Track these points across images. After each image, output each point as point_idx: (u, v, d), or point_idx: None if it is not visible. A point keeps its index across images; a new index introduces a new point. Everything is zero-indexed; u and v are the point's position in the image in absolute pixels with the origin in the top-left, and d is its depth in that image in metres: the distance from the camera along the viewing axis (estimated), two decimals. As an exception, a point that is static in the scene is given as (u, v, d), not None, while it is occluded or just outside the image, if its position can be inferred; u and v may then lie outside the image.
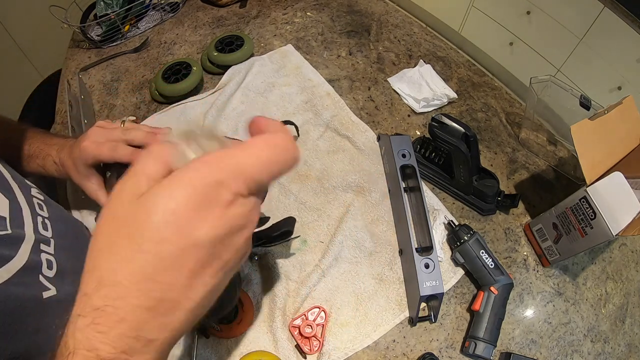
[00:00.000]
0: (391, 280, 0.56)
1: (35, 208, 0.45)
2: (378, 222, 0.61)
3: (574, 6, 1.50)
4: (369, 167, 0.66)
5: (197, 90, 0.75)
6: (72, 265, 0.47)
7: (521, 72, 1.81)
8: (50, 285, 0.41)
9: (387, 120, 0.72)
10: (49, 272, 0.42)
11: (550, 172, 0.68)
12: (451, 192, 0.64)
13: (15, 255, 0.38)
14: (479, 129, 0.72)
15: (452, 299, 0.56)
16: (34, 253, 0.40)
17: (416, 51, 0.83)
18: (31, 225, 0.42)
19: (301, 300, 0.54)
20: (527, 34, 1.72)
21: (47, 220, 0.45)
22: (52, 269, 0.42)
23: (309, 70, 0.77)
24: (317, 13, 0.90)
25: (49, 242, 0.44)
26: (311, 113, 0.72)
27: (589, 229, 0.50)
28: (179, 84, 0.71)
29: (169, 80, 0.72)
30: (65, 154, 0.51)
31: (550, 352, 0.54)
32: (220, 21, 0.89)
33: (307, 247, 0.58)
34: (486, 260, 0.53)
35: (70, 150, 0.50)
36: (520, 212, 0.64)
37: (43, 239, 0.43)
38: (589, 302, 0.57)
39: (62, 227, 0.48)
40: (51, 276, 0.42)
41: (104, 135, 0.49)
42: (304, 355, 0.51)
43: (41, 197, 0.47)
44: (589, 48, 1.52)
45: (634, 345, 0.56)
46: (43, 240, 0.43)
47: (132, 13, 0.86)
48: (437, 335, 0.53)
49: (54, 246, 0.44)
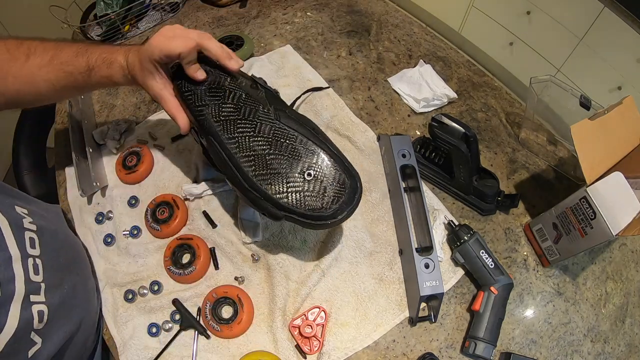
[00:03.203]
0: (391, 280, 0.56)
1: (27, 247, 0.42)
2: (378, 222, 0.61)
3: (574, 6, 1.49)
4: (369, 167, 0.66)
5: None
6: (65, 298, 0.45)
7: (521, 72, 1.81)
8: (38, 338, 0.40)
9: (387, 120, 0.72)
10: (40, 325, 0.40)
11: (550, 172, 0.68)
12: (451, 192, 0.64)
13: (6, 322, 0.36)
14: (479, 129, 0.72)
15: (452, 299, 0.56)
16: (25, 310, 0.38)
17: (416, 51, 0.83)
18: (22, 275, 0.39)
19: (301, 300, 0.54)
20: (527, 34, 1.72)
21: (37, 260, 0.42)
22: (42, 320, 0.41)
23: (308, 71, 0.77)
24: (317, 13, 0.90)
25: (39, 290, 0.41)
26: (311, 113, 0.72)
27: (589, 229, 0.50)
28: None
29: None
30: (133, 55, 0.48)
31: (550, 352, 0.54)
32: (220, 21, 0.89)
33: (307, 247, 0.59)
34: (486, 260, 0.53)
35: (138, 50, 0.47)
36: (520, 212, 0.64)
37: (33, 289, 0.40)
38: (589, 302, 0.57)
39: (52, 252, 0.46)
40: (41, 328, 0.40)
41: (176, 31, 0.46)
42: (304, 355, 0.51)
43: (34, 228, 0.45)
44: (589, 48, 1.52)
45: (634, 345, 0.56)
46: (33, 290, 0.40)
47: (132, 13, 0.86)
48: (437, 335, 0.53)
49: (44, 291, 0.42)
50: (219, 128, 0.47)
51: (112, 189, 0.64)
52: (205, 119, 0.47)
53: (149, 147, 0.68)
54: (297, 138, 0.46)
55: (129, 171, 0.64)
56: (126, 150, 0.66)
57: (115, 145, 0.68)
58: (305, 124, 0.48)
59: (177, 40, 0.45)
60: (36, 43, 0.49)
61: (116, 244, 0.60)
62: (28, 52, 0.48)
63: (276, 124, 0.47)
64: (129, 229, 0.60)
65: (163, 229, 0.59)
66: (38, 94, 0.50)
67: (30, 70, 0.48)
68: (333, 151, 0.47)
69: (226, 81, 0.49)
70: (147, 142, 0.69)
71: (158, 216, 0.59)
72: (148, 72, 0.47)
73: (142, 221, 0.61)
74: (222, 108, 0.48)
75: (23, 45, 0.48)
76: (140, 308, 0.55)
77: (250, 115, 0.47)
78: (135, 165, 0.64)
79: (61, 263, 0.48)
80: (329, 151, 0.46)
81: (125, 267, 0.58)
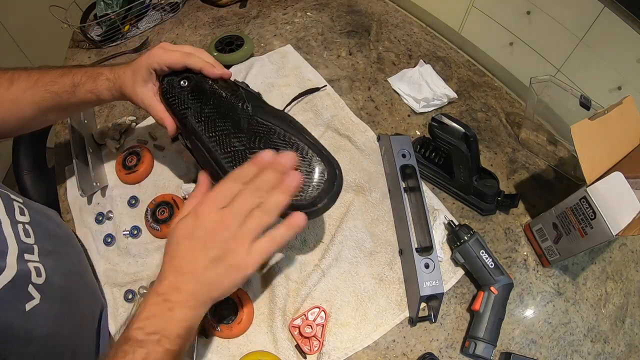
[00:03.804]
0: (391, 280, 0.56)
1: (15, 214, 0.44)
2: (378, 222, 0.61)
3: (574, 6, 1.50)
4: (369, 167, 0.66)
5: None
6: (60, 266, 0.46)
7: (521, 72, 1.81)
8: (36, 294, 0.40)
9: (387, 120, 0.72)
10: (39, 280, 0.41)
11: (550, 172, 0.68)
12: (451, 192, 0.64)
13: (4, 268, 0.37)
14: (479, 129, 0.72)
15: (452, 299, 0.56)
16: (20, 263, 0.40)
17: (416, 51, 0.83)
18: (12, 235, 0.41)
19: (301, 300, 0.54)
20: (527, 34, 1.72)
21: (27, 226, 0.44)
22: (41, 275, 0.42)
23: (308, 71, 0.77)
24: (317, 13, 0.90)
25: (32, 249, 0.43)
26: (311, 113, 0.72)
27: (589, 229, 0.50)
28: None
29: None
30: (121, 68, 0.51)
31: (550, 352, 0.54)
32: (220, 21, 0.89)
33: (307, 247, 0.58)
34: (486, 260, 0.53)
35: (129, 63, 0.51)
36: (520, 212, 0.64)
37: (26, 247, 0.42)
38: (589, 302, 0.57)
39: (43, 230, 0.47)
40: (41, 283, 0.41)
41: (172, 47, 0.51)
42: (304, 355, 0.51)
43: (20, 200, 0.47)
44: (589, 48, 1.52)
45: (634, 345, 0.56)
46: (26, 248, 0.42)
47: (132, 13, 0.86)
48: (437, 335, 0.53)
49: (37, 252, 0.43)
50: (200, 128, 0.49)
51: (112, 189, 0.64)
52: (188, 121, 0.49)
53: (149, 147, 0.68)
54: (274, 130, 0.47)
55: (129, 171, 0.64)
56: (126, 150, 0.66)
57: (115, 145, 0.68)
58: (283, 117, 0.49)
59: (178, 53, 0.50)
60: (20, 70, 0.51)
61: (116, 244, 0.60)
62: (12, 78, 0.50)
63: (254, 119, 0.48)
64: (129, 229, 0.60)
65: (163, 229, 0.59)
66: (23, 118, 0.51)
67: (14, 94, 0.49)
68: (310, 140, 0.47)
69: (207, 84, 0.51)
70: (147, 142, 0.69)
71: (158, 216, 0.59)
72: (142, 80, 0.50)
73: (142, 221, 0.61)
74: (203, 109, 0.49)
75: (7, 72, 0.50)
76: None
77: (229, 113, 0.49)
78: (135, 165, 0.64)
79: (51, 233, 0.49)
80: (306, 140, 0.47)
81: (125, 267, 0.58)
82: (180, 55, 0.49)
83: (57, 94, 0.50)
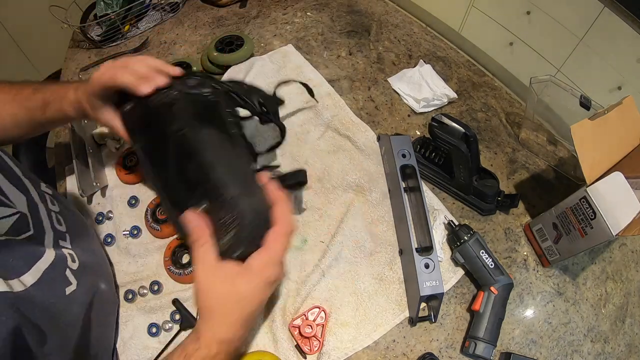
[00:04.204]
0: (391, 280, 0.56)
1: (48, 203, 0.46)
2: (378, 222, 0.61)
3: (574, 6, 1.49)
4: (369, 167, 0.66)
5: (197, 90, 0.75)
6: (87, 257, 0.49)
7: (521, 72, 1.81)
8: (73, 279, 0.43)
9: (387, 120, 0.72)
10: (74, 265, 0.44)
11: (550, 172, 0.68)
12: (451, 192, 0.64)
13: (44, 252, 0.40)
14: (479, 129, 0.72)
15: (452, 299, 0.56)
16: (57, 248, 0.42)
17: (416, 51, 0.83)
18: (48, 221, 0.43)
19: (301, 300, 0.54)
20: (527, 34, 1.72)
21: (59, 215, 0.47)
22: (75, 261, 0.45)
23: (309, 70, 0.77)
24: (317, 13, 0.90)
25: (65, 237, 0.46)
26: (311, 113, 0.72)
27: (589, 229, 0.50)
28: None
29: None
30: (81, 91, 0.50)
31: (550, 352, 0.54)
32: (220, 21, 0.89)
33: (307, 247, 0.58)
34: (486, 260, 0.53)
35: (85, 86, 0.50)
36: (520, 212, 0.64)
37: (60, 234, 0.45)
38: (589, 302, 0.57)
39: (71, 220, 0.50)
40: (75, 269, 0.44)
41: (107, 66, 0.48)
42: (304, 355, 0.51)
43: (50, 192, 0.48)
44: (589, 48, 1.52)
45: (634, 345, 0.56)
46: (60, 235, 0.45)
47: (132, 13, 0.86)
48: (437, 335, 0.53)
49: (69, 240, 0.46)
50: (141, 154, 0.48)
51: (112, 189, 0.64)
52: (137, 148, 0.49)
53: (149, 147, 0.68)
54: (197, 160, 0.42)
55: (129, 171, 0.64)
56: (126, 150, 0.66)
57: (115, 145, 0.68)
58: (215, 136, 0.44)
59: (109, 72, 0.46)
60: (3, 83, 0.52)
61: (116, 244, 0.60)
62: None
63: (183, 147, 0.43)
64: (129, 229, 0.60)
65: (163, 229, 0.59)
66: (3, 129, 0.52)
67: None
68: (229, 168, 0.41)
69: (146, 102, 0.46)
70: (147, 142, 0.69)
71: (158, 216, 0.59)
72: (98, 104, 0.50)
73: (142, 221, 0.61)
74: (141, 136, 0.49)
75: None
76: (140, 308, 0.55)
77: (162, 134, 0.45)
78: (135, 165, 0.64)
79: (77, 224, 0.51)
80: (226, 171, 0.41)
81: (125, 267, 0.58)
82: (110, 75, 0.46)
83: (30, 110, 0.51)
